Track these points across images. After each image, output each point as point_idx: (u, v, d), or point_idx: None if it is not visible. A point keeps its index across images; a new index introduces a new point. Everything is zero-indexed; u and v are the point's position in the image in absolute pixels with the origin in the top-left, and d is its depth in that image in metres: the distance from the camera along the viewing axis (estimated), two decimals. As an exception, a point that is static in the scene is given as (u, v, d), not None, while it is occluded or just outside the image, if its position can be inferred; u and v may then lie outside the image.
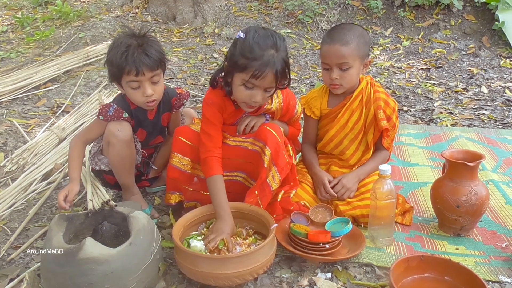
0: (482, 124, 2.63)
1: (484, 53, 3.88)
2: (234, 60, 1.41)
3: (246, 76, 1.40)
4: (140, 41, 1.55)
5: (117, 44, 1.55)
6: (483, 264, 1.40)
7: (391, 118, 1.70)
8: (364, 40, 1.63)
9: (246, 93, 1.44)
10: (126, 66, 1.51)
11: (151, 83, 1.57)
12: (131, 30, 1.60)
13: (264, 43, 1.39)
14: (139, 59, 1.51)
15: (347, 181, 1.67)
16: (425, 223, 1.65)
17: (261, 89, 1.43)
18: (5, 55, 3.87)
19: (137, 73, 1.52)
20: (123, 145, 1.60)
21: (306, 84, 3.40)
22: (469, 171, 1.49)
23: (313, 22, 4.58)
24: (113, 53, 1.54)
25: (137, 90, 1.57)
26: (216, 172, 1.49)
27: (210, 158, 1.50)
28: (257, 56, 1.38)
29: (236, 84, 1.45)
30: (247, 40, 1.40)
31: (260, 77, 1.39)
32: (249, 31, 1.43)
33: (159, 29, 4.56)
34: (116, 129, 1.58)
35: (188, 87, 3.28)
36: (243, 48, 1.40)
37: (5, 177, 2.02)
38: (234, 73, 1.44)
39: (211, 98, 1.55)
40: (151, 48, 1.55)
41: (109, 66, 1.58)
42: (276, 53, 1.40)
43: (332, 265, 1.42)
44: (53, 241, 1.24)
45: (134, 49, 1.52)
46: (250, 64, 1.38)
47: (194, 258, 1.27)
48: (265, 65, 1.37)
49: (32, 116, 2.67)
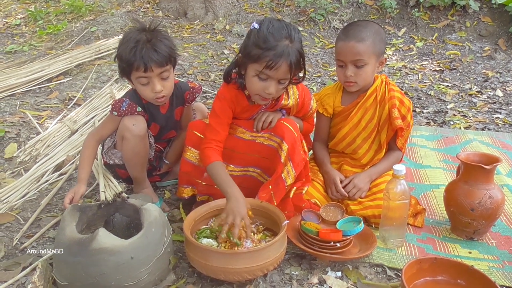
0: (496, 128, 2.59)
1: (500, 56, 3.82)
2: (248, 51, 1.40)
3: (260, 67, 1.39)
4: (150, 36, 1.53)
5: (127, 39, 1.53)
6: (496, 269, 1.38)
7: (406, 118, 1.68)
8: (380, 37, 1.61)
9: (259, 85, 1.43)
10: (134, 62, 1.50)
11: (161, 79, 1.56)
12: (142, 24, 1.58)
13: (278, 34, 1.38)
14: (147, 55, 1.49)
15: (359, 181, 1.65)
16: (437, 226, 1.63)
17: (274, 80, 1.42)
18: (18, 48, 3.91)
19: (145, 69, 1.50)
20: (137, 140, 1.60)
21: (317, 83, 3.38)
22: (485, 174, 1.46)
23: (325, 21, 4.55)
24: (123, 48, 1.52)
25: (146, 86, 1.56)
26: (214, 159, 1.47)
27: (208, 149, 1.50)
28: (271, 46, 1.36)
29: (249, 75, 1.44)
30: (261, 31, 1.39)
31: (274, 68, 1.37)
32: (264, 22, 1.41)
33: (170, 24, 4.57)
34: (131, 124, 1.58)
35: (198, 83, 3.28)
36: (257, 38, 1.39)
37: (18, 168, 2.04)
38: (248, 64, 1.43)
39: (224, 93, 1.55)
40: (160, 43, 1.52)
41: (119, 61, 1.57)
42: (290, 44, 1.38)
43: (343, 264, 1.41)
44: (66, 230, 1.25)
45: (143, 45, 1.49)
46: (264, 54, 1.36)
47: (205, 252, 1.27)
48: (279, 55, 1.36)
49: (45, 108, 2.69)
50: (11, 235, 1.58)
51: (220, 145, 1.53)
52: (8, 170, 2.02)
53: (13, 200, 1.77)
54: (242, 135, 1.58)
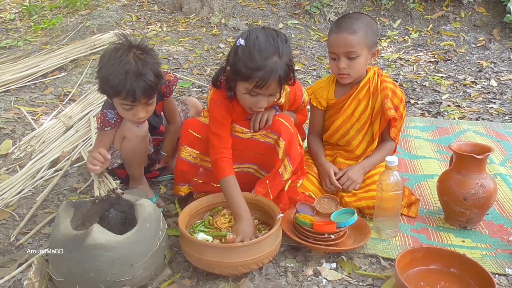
0: (490, 118, 2.60)
1: (494, 46, 3.82)
2: (237, 69, 1.38)
3: (250, 86, 1.38)
4: (139, 62, 1.43)
5: (114, 59, 1.43)
6: (489, 257, 1.40)
7: (399, 108, 1.68)
8: (372, 29, 1.61)
9: (250, 100, 1.43)
10: (122, 91, 1.42)
11: (145, 105, 1.51)
12: (128, 41, 1.48)
13: (266, 51, 1.34)
14: (138, 88, 1.41)
15: (353, 173, 1.66)
16: (431, 216, 1.64)
17: (265, 96, 1.42)
18: (12, 43, 3.88)
19: (133, 100, 1.44)
20: (139, 140, 1.60)
21: (313, 76, 3.38)
22: (477, 164, 1.47)
23: (320, 13, 4.54)
24: (108, 71, 1.43)
25: (129, 111, 1.51)
26: (228, 174, 1.46)
27: (221, 160, 1.48)
28: (260, 66, 1.33)
29: (240, 92, 1.44)
30: (248, 48, 1.35)
31: (264, 87, 1.36)
32: (249, 37, 1.37)
33: (166, 18, 4.54)
34: (134, 125, 1.57)
35: (194, 77, 3.28)
36: (244, 57, 1.35)
37: (13, 164, 2.04)
38: (237, 81, 1.42)
39: (218, 99, 1.52)
40: (150, 72, 1.44)
41: (101, 82, 1.47)
42: (279, 60, 1.35)
43: (337, 255, 1.42)
44: (61, 227, 1.25)
45: (132, 76, 1.41)
46: (253, 75, 1.34)
47: (200, 246, 1.28)
48: (268, 74, 1.34)
49: (40, 104, 2.68)
50: (6, 231, 1.58)
51: (230, 151, 1.52)
52: (3, 167, 2.02)
53: (8, 197, 1.77)
54: (240, 134, 1.58)
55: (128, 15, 4.40)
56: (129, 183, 1.77)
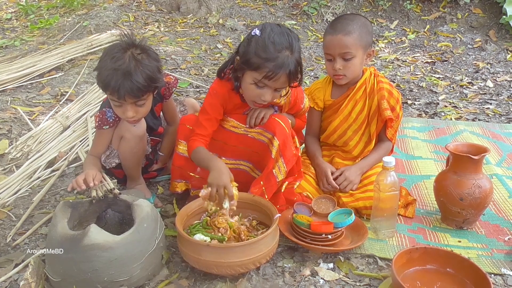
0: (486, 118, 2.62)
1: (491, 47, 3.84)
2: (248, 58, 1.39)
3: (259, 76, 1.39)
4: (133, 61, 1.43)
5: (110, 54, 1.44)
6: (485, 257, 1.40)
7: (395, 109, 1.69)
8: (366, 29, 1.62)
9: (256, 92, 1.44)
10: (109, 87, 1.43)
11: (135, 105, 1.50)
12: (129, 39, 1.48)
13: (279, 43, 1.37)
14: (123, 87, 1.41)
15: (350, 174, 1.67)
16: (427, 216, 1.65)
17: (271, 89, 1.43)
18: (9, 42, 3.87)
19: (118, 97, 1.44)
20: (137, 140, 1.60)
21: (310, 76, 3.39)
22: (473, 164, 1.48)
23: (318, 14, 4.54)
24: (102, 65, 1.45)
25: (118, 107, 1.51)
26: (197, 145, 1.48)
27: (193, 141, 1.51)
28: (272, 57, 1.36)
29: (246, 82, 1.44)
30: (262, 39, 1.38)
31: (273, 79, 1.38)
32: (265, 29, 1.40)
33: (163, 18, 4.54)
34: (132, 125, 1.57)
35: (192, 77, 3.27)
36: (257, 46, 1.38)
37: (9, 164, 2.04)
38: (245, 70, 1.43)
39: (216, 89, 1.54)
40: (140, 74, 1.42)
41: (97, 75, 1.48)
42: (291, 55, 1.38)
43: (335, 255, 1.43)
44: (57, 227, 1.25)
45: (120, 74, 1.40)
46: (264, 65, 1.36)
47: (197, 246, 1.28)
48: (279, 66, 1.36)
49: (36, 104, 2.68)
50: (3, 232, 1.58)
51: (207, 139, 1.53)
52: (0, 167, 2.01)
53: (5, 197, 1.77)
54: (235, 129, 1.59)
55: (126, 15, 4.39)
56: (126, 183, 1.77)
